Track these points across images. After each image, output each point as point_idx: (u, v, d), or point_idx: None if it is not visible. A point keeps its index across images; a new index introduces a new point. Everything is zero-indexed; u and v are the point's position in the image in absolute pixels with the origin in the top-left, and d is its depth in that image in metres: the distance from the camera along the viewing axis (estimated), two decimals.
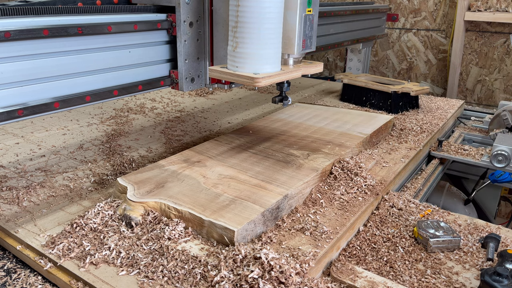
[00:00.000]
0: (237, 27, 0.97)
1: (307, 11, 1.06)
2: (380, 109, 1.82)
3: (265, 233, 0.87)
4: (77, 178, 1.16)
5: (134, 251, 0.80)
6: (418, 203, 1.11)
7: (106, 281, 0.74)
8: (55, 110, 0.87)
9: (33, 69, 0.83)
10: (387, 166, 1.23)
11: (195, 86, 1.14)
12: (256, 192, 0.94)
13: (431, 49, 2.58)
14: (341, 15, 1.71)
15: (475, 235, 0.97)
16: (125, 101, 1.95)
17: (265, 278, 0.70)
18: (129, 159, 1.28)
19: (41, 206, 1.00)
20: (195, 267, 0.76)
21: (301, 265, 0.75)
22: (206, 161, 1.10)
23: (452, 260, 0.88)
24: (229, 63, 1.02)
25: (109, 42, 0.95)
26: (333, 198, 1.02)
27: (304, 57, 1.15)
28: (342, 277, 0.79)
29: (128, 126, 1.61)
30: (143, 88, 1.04)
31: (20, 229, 0.90)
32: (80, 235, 0.85)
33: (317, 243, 0.84)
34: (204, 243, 0.83)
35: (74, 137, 1.47)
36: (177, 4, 1.03)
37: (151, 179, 0.99)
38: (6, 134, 1.49)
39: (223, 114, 1.82)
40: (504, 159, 1.39)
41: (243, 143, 1.23)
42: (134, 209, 0.90)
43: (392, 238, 0.95)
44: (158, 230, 0.85)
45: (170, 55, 1.11)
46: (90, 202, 1.03)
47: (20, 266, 0.84)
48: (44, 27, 0.81)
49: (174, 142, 1.45)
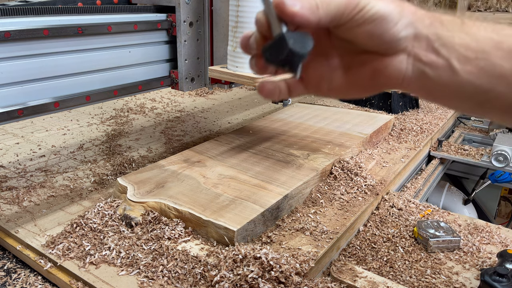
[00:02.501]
0: (237, 27, 0.97)
1: None
2: (380, 109, 1.82)
3: (265, 233, 0.87)
4: (77, 178, 1.16)
5: (134, 251, 0.80)
6: (418, 203, 1.11)
7: (106, 281, 0.74)
8: (55, 110, 0.87)
9: (33, 69, 0.83)
10: (387, 166, 1.23)
11: (195, 86, 1.14)
12: (256, 192, 0.94)
13: None
14: None
15: (475, 235, 0.97)
16: (125, 101, 1.95)
17: (265, 278, 0.70)
18: (129, 159, 1.28)
19: (41, 206, 1.00)
20: (195, 267, 0.76)
21: (301, 265, 0.75)
22: (206, 161, 1.10)
23: (452, 260, 0.88)
24: (229, 63, 1.02)
25: (109, 42, 0.95)
26: (333, 198, 1.02)
27: None
28: (342, 277, 0.79)
29: (128, 126, 1.61)
30: (143, 88, 1.04)
31: (20, 229, 0.90)
32: (80, 235, 0.85)
33: (317, 243, 0.84)
34: (204, 243, 0.83)
35: (74, 137, 1.47)
36: (177, 4, 1.03)
37: (151, 179, 0.99)
38: (6, 134, 1.49)
39: (223, 114, 1.82)
40: (504, 159, 1.38)
41: (243, 143, 1.23)
42: (134, 209, 0.90)
43: (392, 238, 0.95)
44: (158, 230, 0.85)
45: (170, 55, 1.11)
46: (90, 202, 1.03)
47: (20, 266, 0.84)
48: (44, 27, 0.81)
49: (174, 142, 1.45)
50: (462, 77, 0.43)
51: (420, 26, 0.44)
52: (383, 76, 0.46)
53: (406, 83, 0.46)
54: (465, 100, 0.45)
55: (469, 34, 0.44)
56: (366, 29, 0.43)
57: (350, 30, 0.44)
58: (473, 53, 0.43)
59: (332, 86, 0.50)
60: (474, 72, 0.43)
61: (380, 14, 0.43)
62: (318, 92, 0.51)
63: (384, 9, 0.43)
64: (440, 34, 0.44)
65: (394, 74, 0.45)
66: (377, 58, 0.46)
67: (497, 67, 0.43)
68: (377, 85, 0.48)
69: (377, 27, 0.43)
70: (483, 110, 0.46)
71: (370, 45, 0.45)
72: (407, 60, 0.45)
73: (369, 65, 0.46)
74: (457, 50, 0.44)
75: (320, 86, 0.50)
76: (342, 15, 0.43)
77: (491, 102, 0.44)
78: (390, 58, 0.45)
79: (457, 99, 0.46)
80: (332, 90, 0.50)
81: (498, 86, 0.43)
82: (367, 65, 0.47)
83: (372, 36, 0.44)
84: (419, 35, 0.44)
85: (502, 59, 0.42)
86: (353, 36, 0.45)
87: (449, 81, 0.44)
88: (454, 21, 0.45)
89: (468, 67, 0.43)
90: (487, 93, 0.44)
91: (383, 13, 0.43)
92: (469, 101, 0.45)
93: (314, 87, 0.50)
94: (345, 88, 0.49)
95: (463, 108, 0.49)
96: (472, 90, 0.44)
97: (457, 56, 0.43)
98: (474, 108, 0.46)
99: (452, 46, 0.44)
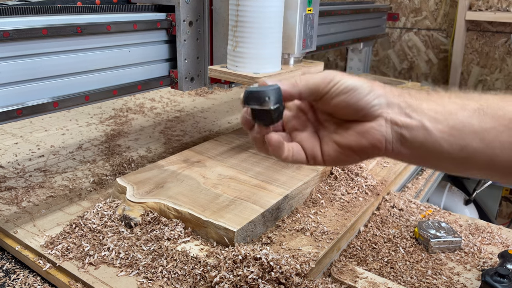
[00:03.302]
0: (237, 26, 0.96)
1: (307, 11, 1.06)
2: None
3: (265, 233, 0.87)
4: (76, 178, 1.15)
5: (133, 252, 0.80)
6: (419, 203, 1.10)
7: (106, 281, 0.74)
8: (54, 110, 0.87)
9: (32, 69, 0.83)
10: (388, 166, 1.23)
11: (195, 86, 1.14)
12: (256, 192, 0.94)
13: (432, 48, 2.58)
14: (342, 14, 1.70)
15: (476, 236, 0.97)
16: (124, 101, 1.94)
17: (265, 278, 0.69)
18: (128, 159, 1.28)
19: (40, 206, 1.00)
20: (195, 268, 0.75)
21: (302, 266, 0.75)
22: (205, 161, 1.10)
23: (453, 260, 0.88)
24: (229, 63, 1.02)
25: (109, 41, 0.94)
26: (334, 199, 1.02)
27: (304, 56, 1.15)
28: (342, 277, 0.78)
29: (127, 126, 1.60)
30: (143, 88, 1.04)
31: (19, 230, 0.89)
32: (79, 236, 0.85)
33: (318, 244, 0.83)
34: (203, 243, 0.83)
35: (73, 137, 1.47)
36: (176, 4, 1.03)
37: (150, 180, 0.99)
38: (5, 134, 1.49)
39: (223, 114, 1.81)
40: None
41: (243, 143, 1.23)
42: (134, 210, 0.89)
43: (393, 238, 0.94)
44: (158, 231, 0.85)
45: (170, 54, 1.10)
46: (89, 202, 1.02)
47: (19, 267, 0.84)
48: (43, 26, 0.81)
49: (174, 142, 1.45)
50: (436, 135, 0.49)
51: (390, 96, 0.51)
52: (367, 139, 0.52)
53: (389, 148, 0.52)
54: (445, 159, 0.50)
55: (436, 101, 0.50)
56: (342, 99, 0.51)
57: (329, 101, 0.52)
58: (442, 115, 0.49)
59: (327, 155, 0.56)
60: (446, 131, 0.48)
61: (352, 87, 0.50)
62: (316, 162, 0.57)
63: (355, 82, 0.50)
64: (409, 102, 0.51)
65: (376, 136, 0.51)
66: (359, 124, 0.52)
67: (466, 125, 0.48)
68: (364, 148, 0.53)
69: (351, 96, 0.50)
70: (465, 168, 0.51)
71: (348, 113, 0.52)
72: (386, 124, 0.51)
73: (353, 130, 0.53)
74: (427, 113, 0.49)
75: (316, 156, 0.56)
76: (318, 88, 0.51)
77: (470, 159, 0.48)
78: (371, 122, 0.51)
79: (437, 159, 0.50)
80: (328, 159, 0.56)
81: (472, 142, 0.47)
82: (351, 130, 0.53)
83: (349, 104, 0.51)
84: (391, 103, 0.51)
85: (469, 118, 0.48)
86: (333, 106, 0.52)
87: (425, 140, 0.49)
88: (420, 93, 0.52)
89: (439, 126, 0.48)
90: (463, 150, 0.48)
91: (355, 85, 0.50)
92: (450, 160, 0.50)
93: (312, 158, 0.56)
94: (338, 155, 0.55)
95: (446, 167, 0.54)
96: (448, 147, 0.48)
97: (428, 118, 0.49)
98: (456, 167, 0.51)
99: (422, 111, 0.50)
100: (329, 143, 0.55)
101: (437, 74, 2.59)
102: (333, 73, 0.52)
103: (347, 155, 0.54)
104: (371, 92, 0.50)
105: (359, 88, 0.50)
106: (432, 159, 0.51)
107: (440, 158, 0.50)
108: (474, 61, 2.44)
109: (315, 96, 0.52)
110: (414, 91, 0.53)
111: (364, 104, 0.50)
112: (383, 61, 2.76)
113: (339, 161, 0.56)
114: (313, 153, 0.56)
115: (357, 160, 0.56)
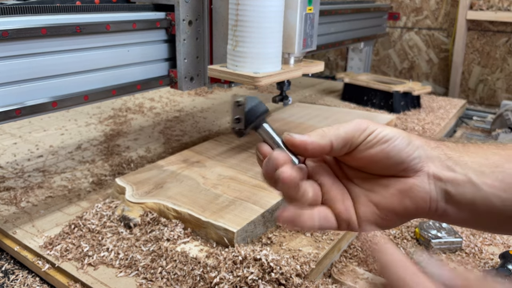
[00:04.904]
0: (237, 25, 0.96)
1: (307, 10, 1.05)
2: (382, 108, 1.82)
3: (265, 234, 0.87)
4: (75, 178, 1.15)
5: (132, 253, 0.79)
6: None
7: (105, 282, 0.73)
8: (53, 110, 0.86)
9: (31, 68, 0.82)
10: None
11: (194, 86, 1.13)
12: (256, 192, 0.93)
13: (433, 48, 2.57)
14: (342, 13, 1.70)
15: (477, 236, 0.96)
16: (124, 101, 1.94)
17: (265, 279, 0.69)
18: (128, 159, 1.27)
19: (39, 207, 0.99)
20: (194, 269, 0.75)
21: (302, 267, 0.74)
22: (205, 162, 1.09)
23: (454, 261, 0.87)
24: (229, 62, 1.01)
25: (108, 41, 0.94)
26: None
27: (304, 56, 1.14)
28: (343, 278, 0.78)
29: (126, 126, 1.60)
30: (142, 88, 1.03)
31: (18, 230, 0.89)
32: (78, 236, 0.85)
33: (318, 244, 0.83)
34: (203, 244, 0.83)
35: (72, 137, 1.46)
36: (176, 3, 1.02)
37: (149, 180, 0.98)
38: (4, 134, 1.48)
39: (222, 114, 1.81)
40: None
41: (243, 143, 1.22)
42: (133, 210, 0.89)
43: (393, 239, 0.94)
44: (157, 231, 0.84)
45: (169, 54, 1.10)
46: (89, 203, 1.02)
47: (18, 267, 0.83)
48: (42, 26, 0.80)
49: (173, 142, 1.45)
50: (486, 191, 0.43)
51: (429, 149, 0.46)
52: (411, 198, 0.45)
53: (433, 208, 0.46)
54: (495, 218, 0.44)
55: (476, 153, 0.45)
56: (380, 149, 0.44)
57: (363, 152, 0.45)
58: (488, 168, 0.43)
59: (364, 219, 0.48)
60: (495, 185, 0.43)
61: (391, 136, 0.44)
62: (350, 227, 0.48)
63: (393, 132, 0.45)
64: (449, 154, 0.45)
65: (421, 194, 0.45)
66: (399, 180, 0.46)
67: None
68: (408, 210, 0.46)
69: (390, 147, 0.44)
70: None
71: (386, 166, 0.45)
72: (428, 180, 0.45)
73: (393, 187, 0.46)
74: (471, 166, 0.44)
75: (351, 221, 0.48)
76: (353, 137, 0.45)
77: None
78: (412, 178, 0.45)
79: (487, 217, 0.44)
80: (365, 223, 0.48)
81: None
82: (391, 187, 0.46)
83: (389, 155, 0.44)
84: (430, 156, 0.45)
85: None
86: (368, 159, 0.45)
87: (473, 197, 0.43)
88: (457, 144, 0.47)
89: (488, 180, 0.43)
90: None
91: (393, 135, 0.45)
92: (502, 219, 0.44)
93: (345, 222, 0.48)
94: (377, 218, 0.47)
95: (496, 228, 0.48)
96: (500, 204, 0.43)
97: (473, 171, 0.44)
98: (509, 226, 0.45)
99: (465, 164, 0.44)
100: (366, 204, 0.47)
101: (438, 73, 2.58)
102: (366, 122, 0.46)
103: (388, 219, 0.47)
104: (410, 143, 0.45)
105: (398, 138, 0.44)
106: (481, 218, 0.45)
107: (490, 217, 0.44)
108: (475, 61, 2.43)
109: (349, 146, 0.45)
110: (450, 142, 0.48)
111: (406, 155, 0.44)
112: (383, 60, 2.76)
113: (376, 226, 0.47)
114: (348, 217, 0.48)
115: (396, 225, 0.49)
